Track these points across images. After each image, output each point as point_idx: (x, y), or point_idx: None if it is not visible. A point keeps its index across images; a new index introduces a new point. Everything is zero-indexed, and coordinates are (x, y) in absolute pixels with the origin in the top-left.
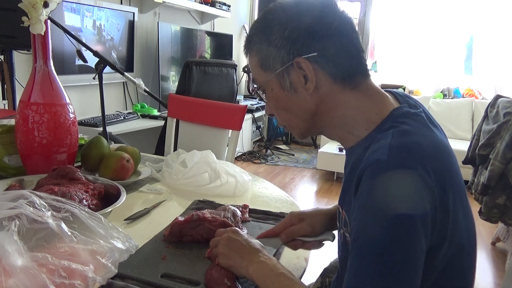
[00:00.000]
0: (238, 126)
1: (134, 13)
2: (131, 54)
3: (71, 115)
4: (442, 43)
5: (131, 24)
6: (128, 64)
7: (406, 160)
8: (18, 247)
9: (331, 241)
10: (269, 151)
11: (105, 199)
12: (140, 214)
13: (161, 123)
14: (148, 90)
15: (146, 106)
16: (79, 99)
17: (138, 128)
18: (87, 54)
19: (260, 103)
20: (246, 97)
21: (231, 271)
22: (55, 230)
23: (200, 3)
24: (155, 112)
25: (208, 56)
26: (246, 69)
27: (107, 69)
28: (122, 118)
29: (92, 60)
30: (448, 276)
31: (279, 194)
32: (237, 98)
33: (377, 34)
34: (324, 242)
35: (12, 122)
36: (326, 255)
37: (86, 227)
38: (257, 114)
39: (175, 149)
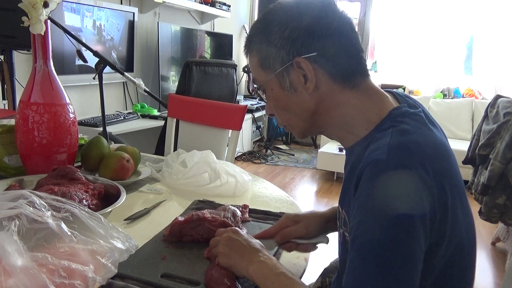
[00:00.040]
0: (238, 126)
1: (134, 13)
2: (131, 54)
3: (71, 115)
4: (442, 43)
5: (131, 24)
6: (128, 64)
7: (405, 159)
8: (18, 247)
9: (326, 243)
10: (269, 151)
11: (105, 199)
12: (140, 214)
13: (161, 123)
14: (148, 90)
15: (146, 106)
16: (79, 99)
17: (138, 128)
18: (87, 54)
19: (260, 103)
20: (246, 97)
21: (231, 271)
22: (55, 230)
23: (200, 3)
24: (155, 112)
25: (208, 56)
26: (246, 69)
27: (107, 69)
28: (122, 118)
29: (92, 60)
30: (448, 276)
31: (279, 194)
32: (237, 98)
33: (377, 34)
34: (318, 245)
35: (12, 122)
36: (326, 255)
37: (86, 227)
38: (257, 114)
39: (175, 149)
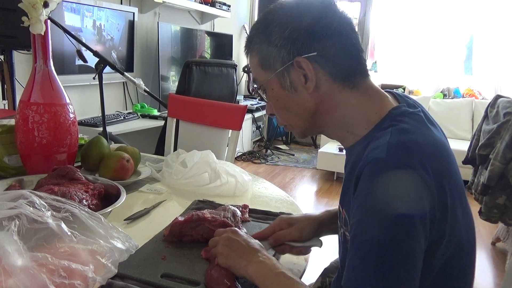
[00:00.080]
0: (238, 126)
1: (134, 13)
2: (131, 54)
3: (71, 115)
4: (442, 43)
5: (131, 24)
6: (128, 64)
7: (405, 158)
8: (18, 247)
9: (319, 247)
10: (269, 151)
11: (105, 199)
12: (140, 214)
13: (161, 123)
14: (148, 90)
15: (146, 106)
16: (79, 99)
17: (138, 128)
18: (87, 54)
19: (260, 103)
20: (246, 97)
21: (231, 271)
22: (55, 230)
23: (200, 3)
24: (155, 112)
25: (208, 56)
26: (246, 69)
27: (107, 69)
28: (122, 118)
29: (92, 60)
30: (448, 275)
31: (279, 194)
32: (237, 98)
33: (377, 34)
34: (311, 248)
35: (12, 122)
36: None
37: (86, 227)
38: (257, 114)
39: (175, 149)
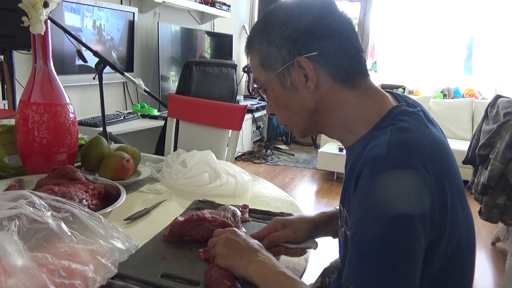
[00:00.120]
0: (238, 126)
1: (134, 13)
2: (131, 54)
3: (71, 115)
4: (442, 43)
5: (131, 24)
6: (128, 64)
7: (405, 156)
8: (18, 247)
9: (314, 249)
10: (269, 151)
11: (105, 199)
12: (140, 214)
13: (161, 123)
14: (148, 90)
15: (146, 106)
16: (79, 99)
17: (138, 128)
18: (87, 54)
19: (260, 103)
20: (246, 97)
21: (231, 271)
22: (55, 230)
23: (200, 3)
24: (155, 112)
25: (208, 56)
26: (246, 69)
27: (107, 69)
28: (122, 118)
29: (92, 60)
30: (447, 275)
31: (279, 194)
32: (237, 98)
33: (377, 34)
34: (306, 250)
35: (12, 122)
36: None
37: (86, 227)
38: (257, 114)
39: (175, 149)
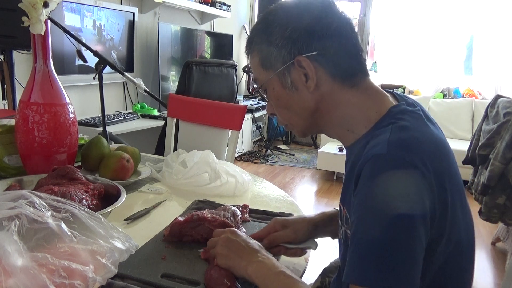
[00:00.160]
0: (238, 126)
1: (134, 13)
2: (131, 54)
3: (71, 115)
4: (442, 43)
5: (131, 24)
6: (128, 64)
7: (405, 154)
8: (18, 247)
9: (314, 249)
10: (269, 151)
11: (105, 199)
12: (140, 214)
13: (161, 123)
14: (148, 90)
15: (146, 106)
16: (79, 99)
17: (138, 128)
18: (87, 54)
19: (260, 103)
20: (246, 97)
21: (231, 271)
22: (55, 230)
23: (200, 3)
24: (155, 112)
25: (208, 56)
26: (246, 69)
27: (107, 69)
28: (122, 118)
29: (92, 60)
30: (447, 274)
31: (279, 194)
32: (237, 98)
33: (377, 34)
34: (306, 250)
35: (12, 122)
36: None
37: (86, 227)
38: (257, 114)
39: (175, 149)
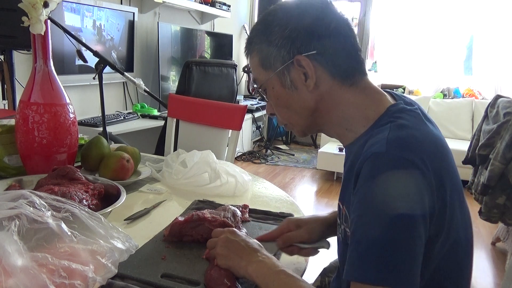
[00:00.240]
0: (238, 126)
1: (134, 13)
2: (131, 54)
3: (71, 115)
4: (442, 43)
5: (131, 24)
6: (128, 64)
7: (405, 153)
8: (18, 247)
9: (327, 249)
10: (269, 151)
11: (105, 199)
12: (140, 214)
13: (161, 123)
14: (148, 90)
15: (146, 106)
16: (79, 99)
17: (138, 128)
18: (87, 54)
19: (260, 103)
20: (246, 97)
21: (231, 271)
22: (55, 230)
23: (200, 3)
24: (155, 112)
25: (208, 56)
26: (246, 69)
27: (107, 69)
28: (122, 118)
29: (92, 60)
30: (445, 272)
31: (279, 194)
32: (237, 98)
33: (377, 34)
34: (319, 249)
35: (12, 122)
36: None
37: (86, 227)
38: (257, 114)
39: (175, 149)
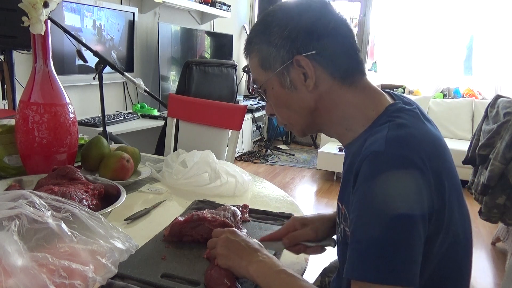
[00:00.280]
0: (238, 126)
1: (134, 13)
2: (131, 54)
3: (71, 115)
4: (442, 43)
5: (131, 24)
6: (128, 64)
7: (403, 150)
8: (18, 247)
9: (333, 246)
10: (269, 151)
11: (105, 199)
12: (140, 214)
13: (161, 123)
14: (148, 90)
15: (146, 106)
16: (79, 99)
17: (138, 128)
18: (87, 54)
19: (260, 103)
20: (246, 97)
21: (231, 271)
22: (55, 230)
23: (200, 3)
24: (155, 112)
25: (208, 56)
26: (246, 69)
27: (107, 69)
28: (122, 118)
29: (92, 60)
30: (445, 271)
31: (279, 194)
32: (237, 98)
33: (377, 34)
34: (326, 247)
35: (12, 122)
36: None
37: (86, 227)
38: (257, 114)
39: (175, 149)
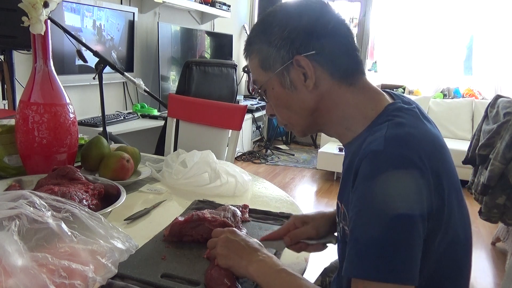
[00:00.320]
0: (238, 126)
1: (134, 13)
2: (131, 54)
3: (71, 115)
4: (442, 43)
5: (131, 24)
6: (128, 64)
7: (402, 149)
8: (18, 247)
9: (334, 244)
10: (269, 151)
11: (105, 199)
12: (140, 214)
13: (161, 123)
14: (148, 90)
15: (146, 106)
16: (79, 99)
17: (138, 128)
18: (87, 54)
19: (260, 103)
20: (246, 97)
21: (231, 271)
22: (55, 230)
23: (200, 3)
24: (155, 112)
25: (208, 56)
26: (246, 69)
27: (107, 69)
28: (122, 118)
29: (92, 60)
30: (444, 270)
31: (279, 194)
32: (237, 98)
33: (377, 34)
34: (327, 244)
35: (12, 122)
36: (326, 255)
37: (86, 227)
38: (257, 114)
39: (175, 149)
